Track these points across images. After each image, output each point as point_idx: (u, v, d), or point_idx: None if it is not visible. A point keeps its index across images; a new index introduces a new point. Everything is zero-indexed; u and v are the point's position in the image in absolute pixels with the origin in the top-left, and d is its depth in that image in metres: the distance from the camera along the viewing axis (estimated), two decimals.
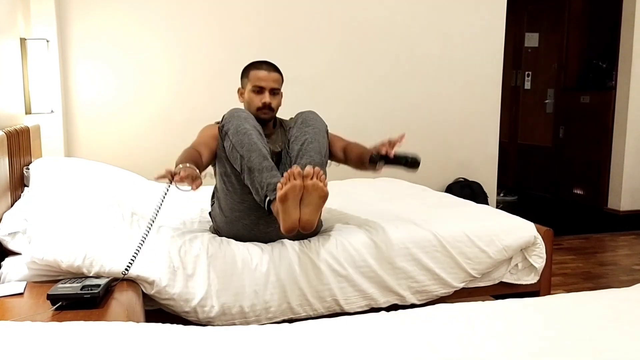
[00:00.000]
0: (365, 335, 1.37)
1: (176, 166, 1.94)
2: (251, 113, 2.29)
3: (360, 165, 2.31)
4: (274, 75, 2.32)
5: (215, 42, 3.80)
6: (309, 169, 1.90)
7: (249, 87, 2.32)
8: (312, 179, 1.90)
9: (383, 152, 2.11)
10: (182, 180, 1.85)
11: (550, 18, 6.12)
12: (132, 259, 1.86)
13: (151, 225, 1.91)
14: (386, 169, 2.23)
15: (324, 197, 1.95)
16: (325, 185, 1.94)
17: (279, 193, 1.89)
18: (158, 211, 1.92)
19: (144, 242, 1.88)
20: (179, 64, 3.75)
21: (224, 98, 3.69)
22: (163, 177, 1.87)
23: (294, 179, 1.88)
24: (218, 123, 2.28)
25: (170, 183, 1.86)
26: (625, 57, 5.04)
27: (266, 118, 2.32)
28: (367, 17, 4.11)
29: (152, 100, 3.71)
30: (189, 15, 3.73)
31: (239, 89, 2.40)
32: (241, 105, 2.39)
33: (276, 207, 1.96)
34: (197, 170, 1.93)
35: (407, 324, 1.45)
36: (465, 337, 1.36)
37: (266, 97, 2.29)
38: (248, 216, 2.18)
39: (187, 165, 1.90)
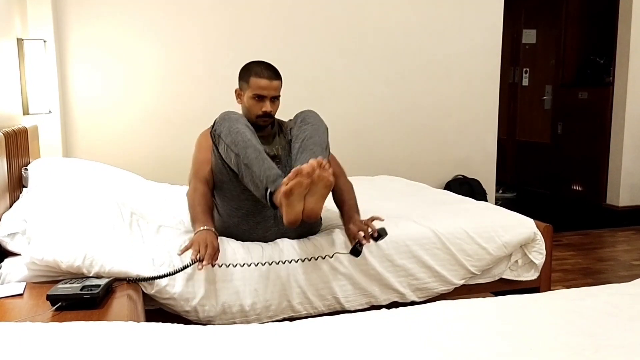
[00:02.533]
0: (365, 333, 1.37)
1: (193, 221, 2.08)
2: (250, 118, 2.25)
3: (337, 207, 2.30)
4: (275, 83, 2.24)
5: (213, 42, 3.79)
6: (313, 162, 1.87)
7: (249, 93, 2.24)
8: (317, 170, 1.88)
9: (363, 242, 2.08)
10: (206, 259, 1.92)
11: (547, 14, 6.12)
12: (155, 278, 1.91)
13: (158, 277, 1.93)
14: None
15: (330, 186, 1.93)
16: (330, 174, 1.92)
17: (284, 188, 1.87)
18: (174, 273, 1.94)
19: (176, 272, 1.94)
20: (177, 64, 3.74)
21: (223, 99, 3.69)
22: (185, 250, 2.01)
23: (302, 176, 1.86)
24: (211, 129, 2.25)
25: (193, 263, 1.93)
26: (622, 52, 5.04)
27: (265, 125, 2.29)
28: (366, 16, 4.10)
29: (150, 99, 3.71)
30: (187, 15, 3.73)
31: (236, 90, 2.33)
32: (239, 106, 2.35)
33: (279, 199, 1.93)
34: (216, 237, 2.03)
35: (407, 321, 1.45)
36: (466, 333, 1.36)
37: (267, 106, 2.23)
38: (246, 222, 2.18)
39: (210, 234, 2.00)
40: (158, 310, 1.99)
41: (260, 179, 2.02)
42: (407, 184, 3.36)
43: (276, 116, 2.38)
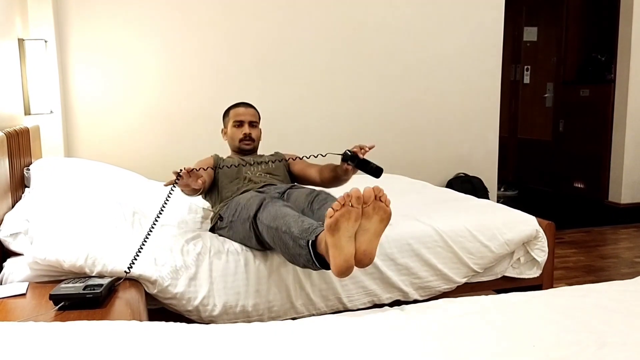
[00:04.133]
0: (368, 331, 1.37)
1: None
2: (235, 146, 2.58)
3: (333, 177, 2.36)
4: (251, 110, 2.62)
5: (214, 42, 3.79)
6: (369, 189, 1.57)
7: (230, 124, 2.59)
8: (374, 200, 1.58)
9: (354, 150, 2.14)
10: (187, 174, 1.91)
11: (548, 12, 6.11)
12: (135, 258, 1.86)
13: (155, 224, 1.91)
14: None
15: (387, 219, 1.62)
16: (389, 204, 1.62)
17: (329, 221, 1.55)
18: (162, 210, 1.92)
19: (147, 240, 1.88)
20: (178, 63, 3.74)
21: (224, 98, 3.69)
22: (170, 182, 1.96)
23: (350, 204, 1.54)
24: (211, 157, 2.53)
25: (176, 180, 1.92)
26: (623, 49, 5.04)
27: (248, 148, 2.58)
28: (366, 14, 4.10)
29: (151, 99, 3.71)
30: (188, 15, 3.73)
31: (222, 130, 2.67)
32: (225, 144, 2.66)
33: (323, 243, 1.64)
34: (202, 176, 2.03)
35: (410, 319, 1.45)
36: (469, 331, 1.35)
37: (246, 129, 2.57)
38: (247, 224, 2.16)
39: (192, 168, 1.97)
40: (160, 310, 1.99)
41: (299, 236, 1.77)
42: (408, 182, 3.36)
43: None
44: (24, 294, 1.75)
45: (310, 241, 1.72)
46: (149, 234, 1.89)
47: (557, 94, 6.02)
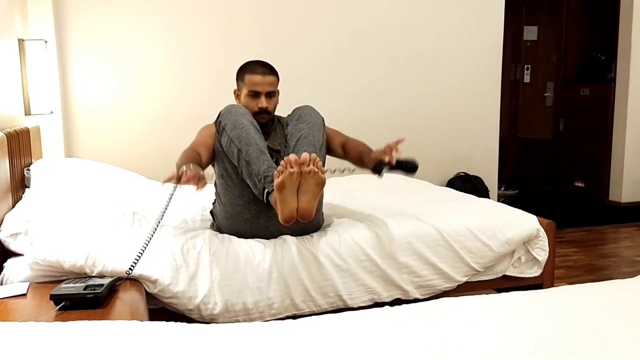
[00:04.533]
0: (369, 330, 1.37)
1: (177, 169, 1.96)
2: None
3: (359, 163, 2.32)
4: (269, 78, 2.28)
5: (214, 41, 3.79)
6: (305, 155, 1.87)
7: (244, 91, 2.29)
8: (308, 165, 1.87)
9: (386, 160, 2.09)
10: (188, 181, 1.87)
11: (548, 11, 6.11)
12: (136, 259, 1.86)
13: (157, 226, 1.91)
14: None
15: (321, 184, 1.93)
16: (323, 172, 1.92)
17: (276, 181, 1.88)
18: (164, 213, 1.92)
19: (148, 242, 1.88)
20: (178, 64, 3.74)
21: (223, 97, 3.68)
22: (169, 179, 1.89)
23: (291, 167, 1.86)
24: (215, 120, 2.29)
25: (176, 185, 1.90)
26: (624, 48, 5.03)
27: (263, 122, 2.31)
28: (365, 13, 4.10)
29: (152, 99, 3.71)
30: (187, 15, 3.73)
31: (235, 91, 2.39)
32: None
33: (274, 197, 1.95)
34: (202, 171, 1.96)
35: (410, 318, 1.45)
36: (469, 330, 1.35)
37: (262, 102, 2.27)
38: (248, 210, 2.18)
39: (191, 166, 1.93)
40: (161, 310, 2.00)
41: (258, 178, 2.05)
42: (409, 181, 3.36)
43: (277, 113, 2.43)
44: (24, 294, 1.75)
45: (266, 190, 2.03)
46: (151, 235, 1.89)
47: (557, 93, 6.02)
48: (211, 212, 2.39)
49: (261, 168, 2.06)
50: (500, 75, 4.50)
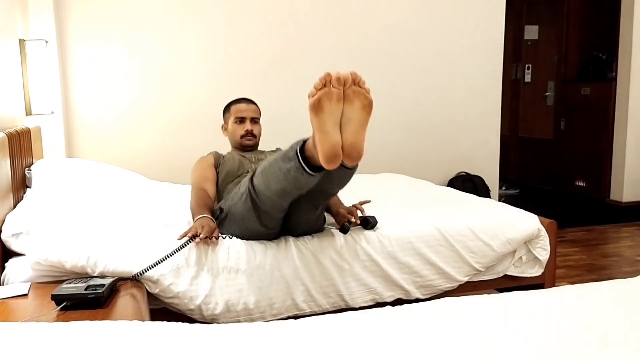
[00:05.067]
0: (371, 330, 1.37)
1: (193, 217, 2.13)
2: (236, 142, 2.57)
3: (327, 208, 2.37)
4: (252, 106, 2.58)
5: (216, 41, 3.79)
6: (345, 73, 1.59)
7: (231, 120, 2.57)
8: (351, 85, 1.60)
9: (352, 221, 2.24)
10: (204, 241, 1.97)
11: (549, 10, 6.10)
12: (150, 267, 1.91)
13: (161, 261, 1.94)
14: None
15: (370, 106, 1.63)
16: (368, 91, 1.63)
17: (311, 100, 1.58)
18: (172, 255, 1.96)
19: (167, 258, 1.93)
20: (179, 64, 3.74)
21: (223, 97, 3.68)
22: (186, 234, 2.00)
23: (331, 85, 1.58)
24: (210, 154, 2.51)
25: (191, 241, 1.98)
26: (625, 48, 5.03)
27: (250, 144, 2.56)
28: (367, 13, 4.10)
29: (152, 99, 3.71)
30: (188, 15, 3.73)
31: (222, 125, 2.65)
32: (226, 139, 2.65)
33: (310, 144, 1.65)
34: (215, 222, 2.09)
35: (412, 318, 1.45)
36: (471, 330, 1.35)
37: (248, 125, 2.54)
38: (251, 212, 2.16)
39: (205, 226, 2.01)
40: (162, 310, 2.00)
41: (287, 153, 1.81)
42: (410, 181, 3.36)
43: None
44: (26, 295, 1.75)
45: (298, 148, 1.74)
46: (161, 261, 1.93)
47: (558, 92, 6.02)
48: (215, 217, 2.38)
49: (290, 146, 1.83)
50: (501, 75, 4.50)
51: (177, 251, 1.96)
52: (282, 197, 1.91)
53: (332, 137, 1.59)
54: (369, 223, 2.29)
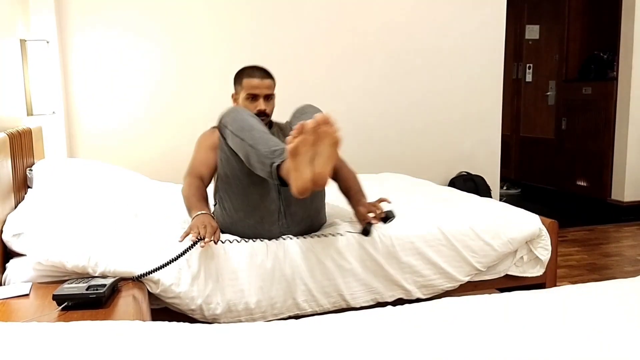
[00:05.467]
0: (372, 330, 1.37)
1: (189, 210, 2.12)
2: None
3: (344, 195, 2.36)
4: (267, 81, 2.36)
5: (216, 41, 3.79)
6: (317, 116, 1.74)
7: (242, 94, 2.36)
8: (322, 125, 1.74)
9: (373, 222, 2.20)
10: (208, 244, 1.96)
11: (550, 9, 6.10)
12: (156, 269, 1.90)
13: (164, 265, 1.93)
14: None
15: (337, 144, 1.80)
16: (337, 131, 1.78)
17: (289, 147, 1.76)
18: (176, 259, 1.94)
19: (160, 268, 1.92)
20: (181, 64, 3.74)
21: (226, 97, 3.68)
22: (186, 235, 1.99)
23: (306, 132, 1.74)
24: (214, 128, 2.31)
25: (195, 244, 1.96)
26: (626, 47, 5.03)
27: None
28: (367, 12, 4.10)
29: (154, 99, 3.71)
30: (188, 16, 3.73)
31: (232, 95, 2.45)
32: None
33: (286, 167, 1.84)
34: (216, 223, 2.06)
35: (413, 317, 1.44)
36: (472, 330, 1.35)
37: (261, 105, 2.34)
38: (252, 216, 2.17)
39: (206, 225, 2.00)
40: (164, 310, 2.00)
41: (266, 155, 1.95)
42: (411, 181, 3.36)
43: (279, 116, 2.44)
44: (27, 295, 1.75)
45: (275, 164, 1.90)
46: (164, 265, 1.92)
47: (559, 92, 6.01)
48: (212, 213, 2.39)
49: (269, 143, 1.97)
50: (502, 74, 4.50)
51: (181, 255, 1.94)
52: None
53: (304, 174, 1.78)
54: (388, 218, 2.22)
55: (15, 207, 2.29)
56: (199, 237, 1.95)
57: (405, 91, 4.25)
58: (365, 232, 2.21)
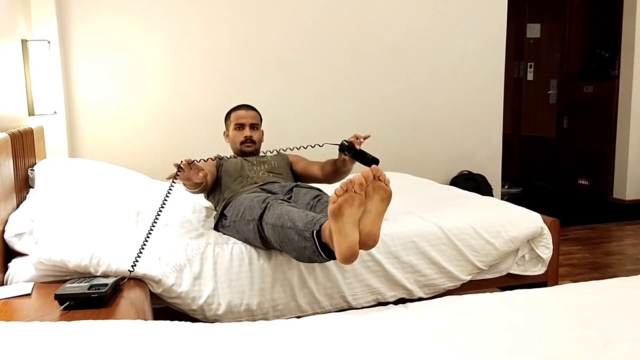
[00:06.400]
0: (373, 330, 1.37)
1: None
2: (236, 148, 2.59)
3: (334, 171, 2.42)
4: (252, 112, 2.62)
5: (219, 42, 3.79)
6: (367, 170, 1.60)
7: (231, 127, 2.60)
8: (373, 180, 1.60)
9: (351, 140, 2.24)
10: (187, 165, 1.98)
11: (551, 8, 6.09)
12: (138, 256, 1.86)
13: (156, 220, 1.91)
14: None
15: (389, 198, 1.63)
16: (389, 183, 1.63)
17: (332, 206, 1.56)
18: (164, 205, 1.92)
19: (149, 237, 1.89)
20: (180, 63, 3.74)
21: (225, 96, 3.69)
22: (171, 175, 2.02)
23: (353, 190, 1.56)
24: (212, 159, 2.34)
25: (177, 173, 1.98)
26: (627, 46, 5.02)
27: (249, 150, 2.57)
28: (370, 13, 4.09)
29: (155, 99, 3.71)
30: (189, 15, 3.73)
31: (224, 132, 2.68)
32: (227, 146, 2.67)
33: (327, 231, 1.64)
34: (199, 164, 2.10)
35: (415, 317, 1.44)
36: (474, 329, 1.35)
37: (247, 131, 2.57)
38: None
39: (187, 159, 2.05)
40: (165, 309, 2.00)
41: (304, 228, 1.78)
42: (413, 180, 3.36)
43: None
44: (29, 294, 1.75)
45: (314, 231, 1.73)
46: (151, 230, 1.90)
47: (560, 90, 6.00)
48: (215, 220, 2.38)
49: (307, 217, 1.82)
50: (503, 73, 4.49)
51: (167, 195, 1.97)
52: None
53: (350, 238, 1.58)
54: (365, 155, 2.17)
55: (17, 206, 2.29)
56: (180, 165, 1.99)
57: (407, 90, 4.25)
58: (342, 147, 2.23)
